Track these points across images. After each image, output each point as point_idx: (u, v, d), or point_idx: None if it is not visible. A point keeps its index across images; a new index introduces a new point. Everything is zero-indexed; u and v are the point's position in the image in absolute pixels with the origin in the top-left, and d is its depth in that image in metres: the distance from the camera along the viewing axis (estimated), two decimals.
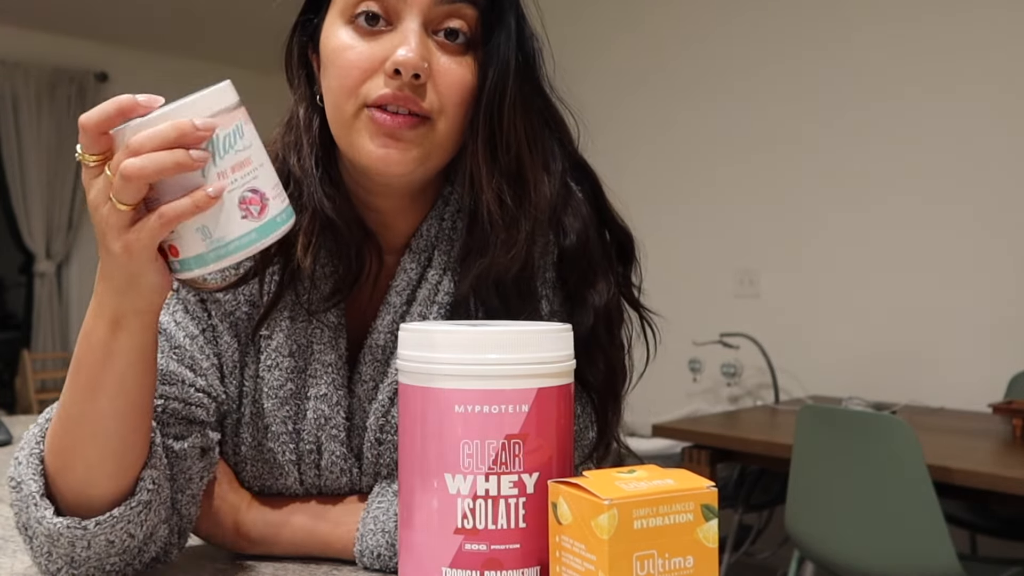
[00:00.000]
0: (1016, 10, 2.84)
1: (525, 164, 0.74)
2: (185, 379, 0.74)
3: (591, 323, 0.78)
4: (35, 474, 0.66)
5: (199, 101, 0.57)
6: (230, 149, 0.58)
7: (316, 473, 0.78)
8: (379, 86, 0.68)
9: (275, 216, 0.59)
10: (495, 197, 0.72)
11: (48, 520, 0.64)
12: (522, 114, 0.73)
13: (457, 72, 0.70)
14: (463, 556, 0.54)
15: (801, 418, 2.10)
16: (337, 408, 0.77)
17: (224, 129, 0.57)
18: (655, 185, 3.82)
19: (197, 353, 0.75)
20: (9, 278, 6.08)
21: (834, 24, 3.28)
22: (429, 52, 0.69)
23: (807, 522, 2.08)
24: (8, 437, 1.40)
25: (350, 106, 0.70)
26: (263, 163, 0.60)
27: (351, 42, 0.70)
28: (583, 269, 0.79)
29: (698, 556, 0.50)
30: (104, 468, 0.65)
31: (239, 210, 0.58)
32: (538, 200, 0.74)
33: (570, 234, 0.79)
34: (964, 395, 2.84)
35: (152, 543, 0.70)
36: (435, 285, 0.78)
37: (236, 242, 0.58)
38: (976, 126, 2.93)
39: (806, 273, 3.37)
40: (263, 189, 0.59)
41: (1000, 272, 2.88)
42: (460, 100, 0.71)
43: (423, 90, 0.69)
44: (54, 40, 4.97)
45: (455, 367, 0.54)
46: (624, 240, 0.84)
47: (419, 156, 0.70)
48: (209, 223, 0.58)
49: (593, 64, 4.07)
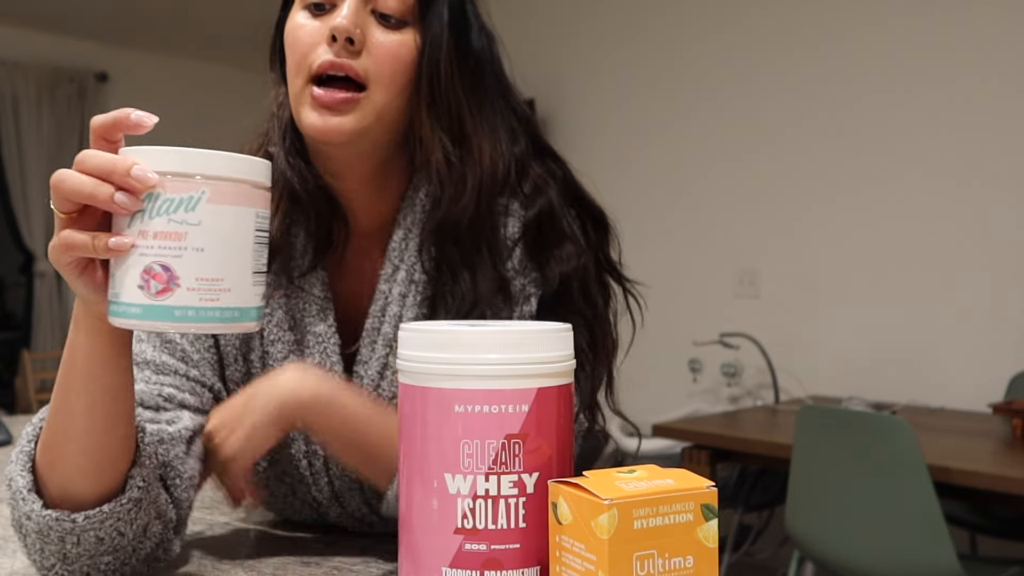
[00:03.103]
0: (1016, 8, 2.84)
1: (467, 125, 0.81)
2: (178, 370, 0.80)
3: (557, 284, 0.82)
4: (23, 470, 0.67)
5: (177, 154, 0.54)
6: (164, 214, 0.54)
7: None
8: (321, 54, 0.76)
9: (176, 305, 0.54)
10: (442, 156, 0.80)
11: (37, 513, 0.65)
12: (459, 80, 0.80)
13: (392, 44, 0.77)
14: (463, 556, 0.54)
15: (801, 418, 2.10)
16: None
17: (172, 193, 0.54)
18: (656, 185, 3.82)
19: (187, 347, 0.82)
20: (9, 278, 6.08)
21: (834, 24, 3.28)
22: (365, 24, 0.77)
23: (807, 522, 2.08)
24: (8, 437, 1.40)
25: (299, 80, 0.77)
26: (208, 251, 0.55)
27: (302, 22, 0.78)
28: (547, 234, 0.84)
29: (698, 556, 0.50)
30: (82, 466, 0.66)
31: (139, 278, 0.54)
32: (482, 157, 0.81)
33: (535, 202, 0.84)
34: (964, 395, 2.84)
35: (146, 540, 0.71)
36: (412, 266, 0.84)
37: (124, 306, 0.55)
38: (977, 126, 2.93)
39: (806, 273, 3.37)
40: (179, 272, 0.54)
41: (1000, 272, 2.88)
42: (394, 70, 0.77)
43: (358, 56, 0.76)
44: (54, 40, 4.96)
45: (455, 367, 0.54)
46: (597, 215, 0.88)
47: (354, 125, 0.77)
48: (118, 274, 0.55)
49: (596, 64, 4.07)
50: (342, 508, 0.86)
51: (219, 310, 0.56)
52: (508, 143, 0.84)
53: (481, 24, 0.85)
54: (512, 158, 0.84)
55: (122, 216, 0.55)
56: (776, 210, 3.45)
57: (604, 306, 0.86)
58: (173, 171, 0.54)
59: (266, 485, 0.88)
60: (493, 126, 0.83)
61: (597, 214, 0.88)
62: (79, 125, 5.02)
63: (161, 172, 0.54)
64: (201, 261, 0.54)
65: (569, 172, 0.89)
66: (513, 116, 0.87)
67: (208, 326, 0.56)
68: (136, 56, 5.22)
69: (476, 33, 0.84)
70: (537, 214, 0.83)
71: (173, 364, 0.80)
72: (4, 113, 4.79)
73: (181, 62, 5.27)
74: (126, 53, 5.20)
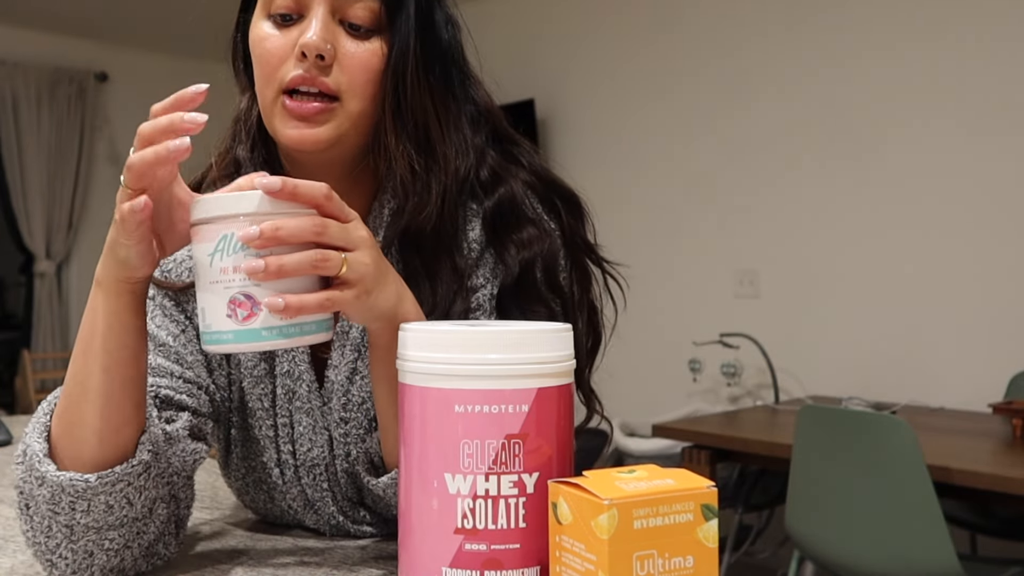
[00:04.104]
0: (1016, 8, 2.84)
1: (433, 133, 0.80)
2: (173, 372, 0.81)
3: (518, 270, 0.81)
4: (39, 437, 0.69)
5: (246, 198, 0.61)
6: (240, 251, 0.60)
7: (291, 450, 0.84)
8: (291, 69, 0.75)
9: (262, 327, 0.61)
10: (406, 165, 0.79)
11: (52, 474, 0.66)
12: (427, 87, 0.79)
13: (362, 55, 0.76)
14: (463, 556, 0.54)
15: (801, 418, 2.10)
16: (300, 382, 0.83)
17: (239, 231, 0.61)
18: (656, 185, 3.82)
19: (181, 349, 0.83)
20: (9, 278, 6.09)
21: (835, 25, 3.28)
22: (334, 36, 0.76)
23: (807, 522, 2.08)
24: (8, 437, 1.40)
25: (270, 92, 0.77)
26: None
27: (269, 32, 0.77)
28: (508, 219, 0.83)
29: (698, 556, 0.50)
30: (97, 429, 0.67)
31: (227, 308, 0.61)
32: (447, 166, 0.80)
33: (494, 192, 0.84)
34: (964, 395, 2.84)
35: (151, 522, 0.71)
36: None
37: (217, 334, 0.62)
38: (976, 126, 2.93)
39: (806, 273, 3.37)
40: (259, 299, 0.60)
41: (1000, 272, 2.88)
42: (366, 80, 0.77)
43: (329, 70, 0.75)
44: (54, 40, 4.96)
45: (455, 367, 0.54)
46: (568, 197, 0.88)
47: (330, 134, 0.76)
48: (207, 308, 0.62)
49: (596, 65, 4.07)
50: (317, 515, 0.86)
51: (298, 325, 0.62)
52: (470, 138, 0.84)
53: (447, 14, 0.84)
54: (473, 150, 0.83)
55: (202, 256, 0.62)
56: (776, 210, 3.45)
57: (583, 292, 0.86)
58: (245, 213, 0.60)
59: (247, 491, 0.89)
60: (459, 126, 0.83)
61: (568, 196, 0.87)
62: (79, 125, 5.02)
63: (233, 215, 0.60)
64: (276, 285, 0.61)
65: (534, 157, 0.88)
66: (474, 106, 0.86)
67: (293, 341, 0.62)
68: (136, 56, 5.23)
69: (442, 26, 0.82)
70: (497, 202, 0.83)
71: (168, 366, 0.81)
72: (4, 113, 4.79)
73: (181, 62, 5.27)
74: (126, 53, 5.20)
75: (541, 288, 0.82)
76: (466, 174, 0.82)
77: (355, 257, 0.63)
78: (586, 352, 0.87)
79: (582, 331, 0.85)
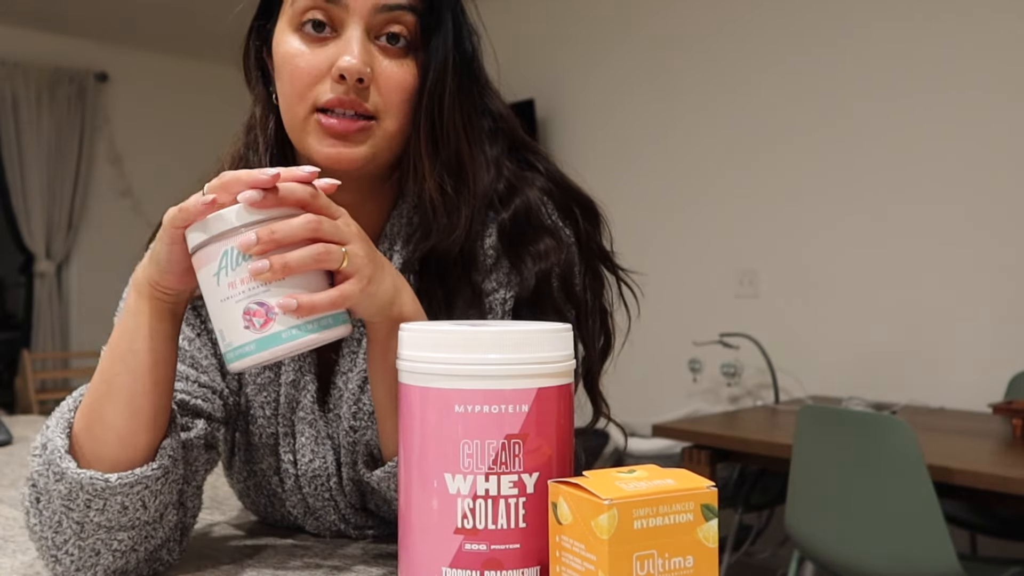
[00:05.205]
0: (1014, 11, 2.84)
1: (464, 157, 0.80)
2: (189, 376, 0.80)
3: (534, 282, 0.81)
4: (61, 433, 0.68)
5: (241, 210, 0.61)
6: (244, 261, 0.60)
7: (292, 459, 0.83)
8: (326, 90, 0.74)
9: (281, 330, 0.61)
10: (436, 187, 0.78)
11: (72, 471, 0.66)
12: (460, 109, 0.79)
13: (398, 74, 0.75)
14: (463, 556, 0.54)
15: (801, 418, 2.10)
16: (304, 392, 0.82)
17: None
18: (655, 185, 3.82)
19: (196, 353, 0.82)
20: (9, 278, 6.08)
21: (835, 26, 3.28)
22: (371, 57, 0.74)
23: (807, 522, 2.08)
24: (8, 437, 1.40)
25: (301, 109, 0.75)
26: (287, 277, 0.61)
27: (300, 49, 0.75)
28: (524, 230, 0.83)
29: (698, 556, 0.50)
30: (119, 429, 0.67)
31: (243, 320, 0.61)
32: (476, 189, 0.80)
33: (511, 202, 0.83)
34: (964, 395, 2.84)
35: (160, 527, 0.71)
36: None
37: (239, 349, 0.62)
38: (975, 126, 2.93)
39: (806, 273, 3.37)
40: (272, 303, 0.61)
41: (1000, 272, 2.88)
42: (402, 100, 0.76)
43: (367, 93, 0.74)
44: (54, 40, 4.96)
45: (455, 367, 0.54)
46: (586, 204, 0.87)
47: (367, 153, 0.75)
48: (224, 327, 0.62)
49: (595, 65, 4.07)
50: (318, 522, 0.86)
51: (316, 321, 0.62)
52: (490, 153, 0.83)
53: (470, 25, 0.83)
54: (493, 165, 0.83)
55: (208, 278, 0.62)
56: (776, 210, 3.45)
57: (596, 298, 0.85)
58: (240, 224, 0.61)
59: (248, 495, 0.89)
60: (482, 142, 0.82)
61: (585, 203, 0.87)
62: (79, 125, 5.02)
63: (229, 230, 0.61)
64: (285, 289, 0.61)
65: (551, 164, 0.88)
66: (491, 118, 0.85)
67: (315, 338, 0.62)
68: (136, 56, 5.23)
69: (467, 39, 0.81)
70: (513, 213, 0.82)
71: (183, 370, 0.80)
72: (4, 113, 4.79)
73: (181, 62, 5.27)
74: (126, 53, 5.20)
75: (557, 298, 0.82)
76: (489, 191, 0.82)
77: (351, 250, 0.64)
78: (597, 355, 0.86)
79: (594, 335, 0.85)
